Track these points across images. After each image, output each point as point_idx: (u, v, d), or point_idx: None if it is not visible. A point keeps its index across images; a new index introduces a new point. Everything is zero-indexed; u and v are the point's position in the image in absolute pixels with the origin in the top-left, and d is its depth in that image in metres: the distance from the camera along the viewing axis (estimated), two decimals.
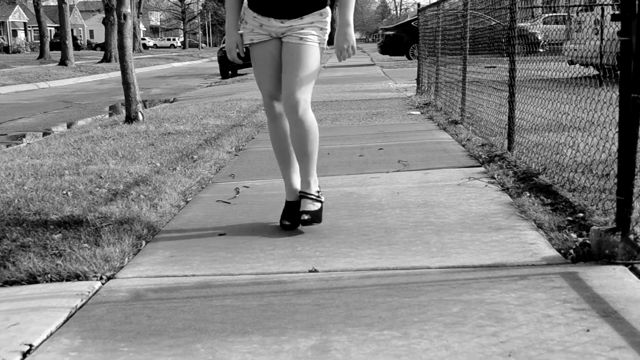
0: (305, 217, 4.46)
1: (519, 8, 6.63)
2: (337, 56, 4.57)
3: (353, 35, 4.52)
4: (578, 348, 2.69)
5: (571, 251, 3.80)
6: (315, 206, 4.54)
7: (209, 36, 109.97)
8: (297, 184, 4.78)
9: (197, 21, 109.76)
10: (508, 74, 6.65)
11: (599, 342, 2.74)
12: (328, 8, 4.47)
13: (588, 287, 3.33)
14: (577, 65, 6.48)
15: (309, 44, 4.40)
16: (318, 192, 4.63)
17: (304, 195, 4.58)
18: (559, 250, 3.87)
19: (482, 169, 6.21)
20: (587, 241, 3.81)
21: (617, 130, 3.78)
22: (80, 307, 3.46)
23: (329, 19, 4.49)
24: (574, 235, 4.02)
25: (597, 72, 5.38)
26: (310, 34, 4.39)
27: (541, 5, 8.85)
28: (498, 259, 3.81)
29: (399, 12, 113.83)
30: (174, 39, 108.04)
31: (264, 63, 4.61)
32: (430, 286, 3.45)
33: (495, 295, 3.28)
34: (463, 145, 7.50)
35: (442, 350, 2.74)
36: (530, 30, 7.89)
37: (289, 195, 4.79)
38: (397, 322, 3.03)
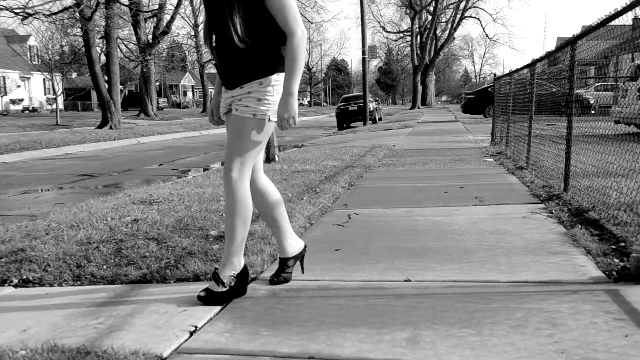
0: (202, 294, 3.52)
1: (576, 78, 6.54)
2: (278, 125, 3.46)
3: (295, 106, 3.39)
4: (618, 349, 2.66)
5: (614, 273, 3.73)
6: (219, 288, 3.53)
7: (329, 97, 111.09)
8: (288, 241, 3.92)
9: (320, 85, 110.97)
10: (566, 130, 6.55)
11: (636, 345, 2.69)
12: (271, 77, 3.46)
13: (627, 301, 3.26)
14: (622, 125, 6.34)
15: (240, 115, 3.46)
16: (231, 276, 3.56)
17: (213, 273, 3.60)
18: (603, 272, 3.79)
19: (542, 205, 6.10)
20: (627, 265, 3.73)
21: None
22: (232, 300, 3.59)
23: (271, 89, 3.46)
24: (616, 260, 3.93)
25: (639, 130, 5.26)
26: (244, 105, 3.45)
27: (594, 76, 8.72)
28: (554, 276, 3.75)
29: (478, 79, 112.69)
30: (302, 99, 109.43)
31: (228, 131, 3.67)
32: (500, 296, 3.43)
33: (551, 305, 3.24)
34: (527, 186, 7.38)
35: (508, 346, 2.74)
36: (584, 96, 7.77)
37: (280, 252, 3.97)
38: (472, 322, 3.04)
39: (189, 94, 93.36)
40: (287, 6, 3.32)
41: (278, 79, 3.49)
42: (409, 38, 68.89)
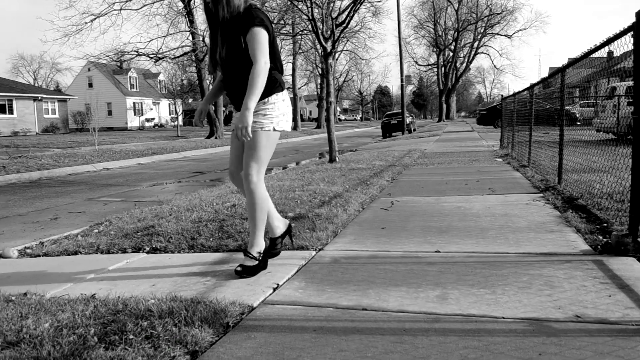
0: (238, 269, 3.32)
1: (565, 97, 6.37)
2: (235, 134, 3.29)
3: (248, 118, 3.07)
4: (603, 306, 2.53)
5: (599, 247, 3.57)
6: (251, 262, 3.34)
7: (375, 113, 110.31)
8: (275, 223, 3.68)
9: (369, 105, 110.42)
10: (559, 137, 6.34)
11: (617, 303, 2.56)
12: (270, 97, 3.29)
13: (610, 269, 3.10)
14: (602, 133, 6.11)
15: (252, 130, 3.22)
16: (259, 252, 3.37)
17: (245, 252, 3.40)
18: (590, 246, 3.62)
19: (541, 194, 5.89)
20: (609, 241, 3.58)
21: (629, 172, 3.55)
22: (304, 265, 3.55)
23: (272, 106, 3.30)
24: (600, 237, 3.76)
25: (614, 137, 5.06)
26: (254, 121, 3.22)
27: (578, 95, 8.47)
28: (552, 249, 3.60)
29: (488, 99, 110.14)
30: (354, 115, 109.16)
31: (231, 145, 3.57)
32: (509, 264, 3.31)
33: (550, 271, 3.11)
34: (529, 180, 7.15)
35: (516, 303, 2.63)
36: (571, 111, 7.51)
37: (270, 232, 3.70)
38: (488, 284, 2.93)
39: None
40: (256, 40, 3.14)
41: (276, 98, 3.34)
42: (435, 69, 67.83)
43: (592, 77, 5.80)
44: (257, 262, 3.37)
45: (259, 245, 3.41)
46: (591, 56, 5.04)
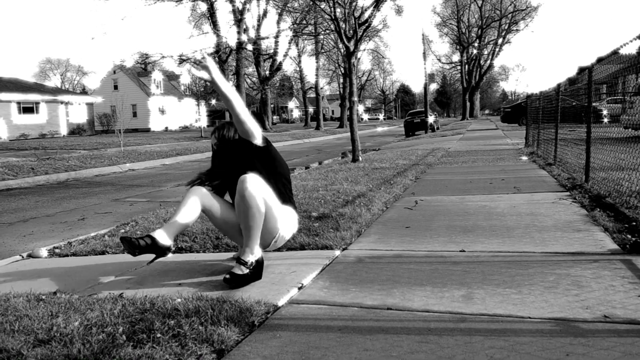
0: (227, 276, 3.13)
1: (593, 94, 6.29)
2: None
3: (208, 66, 3.06)
4: (632, 307, 2.49)
5: (627, 246, 3.51)
6: (241, 271, 3.14)
7: (398, 112, 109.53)
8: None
9: (392, 104, 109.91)
10: (586, 134, 6.25)
11: None
12: None
13: (639, 269, 3.05)
14: (630, 129, 6.01)
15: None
16: (252, 262, 3.18)
17: (237, 259, 3.21)
18: (619, 245, 3.56)
19: (568, 193, 5.80)
20: (638, 240, 3.51)
21: None
22: (328, 264, 3.55)
23: None
24: (629, 236, 3.69)
25: None
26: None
27: (606, 92, 8.34)
28: (579, 248, 3.55)
29: (513, 97, 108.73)
30: (377, 115, 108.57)
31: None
32: (535, 263, 3.27)
33: (577, 271, 3.07)
34: (555, 178, 7.05)
35: (543, 303, 2.60)
36: (599, 108, 7.41)
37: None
38: (514, 284, 2.90)
39: (295, 112, 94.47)
40: None
41: None
42: (459, 67, 67.32)
43: (620, 73, 5.72)
44: (247, 272, 3.16)
45: (254, 253, 3.23)
46: (620, 52, 4.98)
